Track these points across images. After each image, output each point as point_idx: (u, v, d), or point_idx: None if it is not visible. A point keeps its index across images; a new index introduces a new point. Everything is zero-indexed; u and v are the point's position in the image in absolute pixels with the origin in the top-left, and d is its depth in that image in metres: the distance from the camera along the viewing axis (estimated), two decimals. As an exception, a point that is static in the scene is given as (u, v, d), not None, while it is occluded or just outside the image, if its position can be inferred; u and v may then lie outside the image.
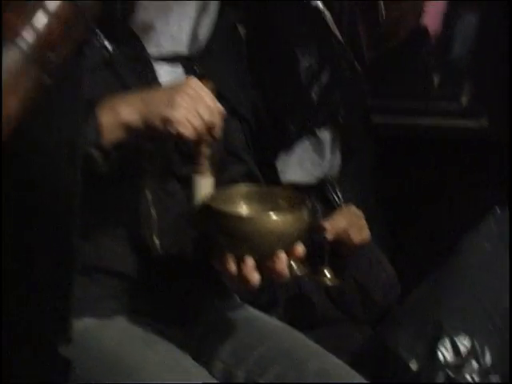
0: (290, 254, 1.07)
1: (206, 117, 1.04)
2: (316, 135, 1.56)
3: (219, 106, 1.10)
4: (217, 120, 1.08)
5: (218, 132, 1.09)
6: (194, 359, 1.12)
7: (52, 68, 0.70)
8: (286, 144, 1.54)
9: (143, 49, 1.24)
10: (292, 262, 1.14)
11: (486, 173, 1.71)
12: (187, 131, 1.03)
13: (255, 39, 1.48)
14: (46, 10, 0.68)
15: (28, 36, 0.67)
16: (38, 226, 0.99)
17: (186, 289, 1.23)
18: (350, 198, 1.59)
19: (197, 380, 1.06)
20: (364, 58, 1.74)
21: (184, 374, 1.07)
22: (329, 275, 1.50)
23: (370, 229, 1.52)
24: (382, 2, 2.51)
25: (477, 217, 1.31)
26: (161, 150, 1.20)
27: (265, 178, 1.31)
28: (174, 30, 1.26)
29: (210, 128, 1.08)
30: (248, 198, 1.18)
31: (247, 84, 1.36)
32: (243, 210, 1.18)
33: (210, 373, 1.13)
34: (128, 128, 1.04)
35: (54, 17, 0.68)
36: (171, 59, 1.27)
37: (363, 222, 1.51)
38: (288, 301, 1.51)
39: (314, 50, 1.54)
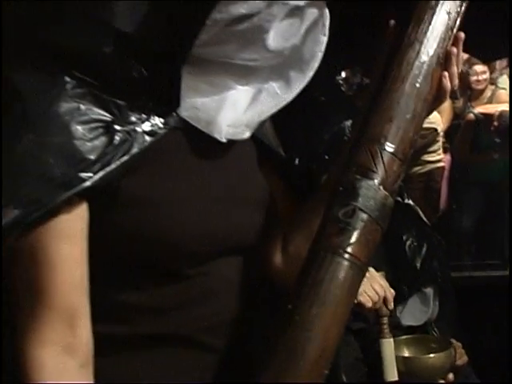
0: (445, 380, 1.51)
1: (379, 291, 1.44)
2: (422, 291, 2.06)
3: (388, 286, 1.52)
4: (389, 295, 1.49)
5: (391, 305, 1.52)
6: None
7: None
8: (401, 300, 2.01)
9: None
10: None
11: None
12: (366, 302, 1.41)
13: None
14: (362, 231, 0.77)
15: (351, 250, 0.76)
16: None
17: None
18: (447, 332, 2.07)
19: None
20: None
21: None
22: None
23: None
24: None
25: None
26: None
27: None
28: None
29: (385, 302, 1.50)
30: (407, 344, 1.67)
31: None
32: (406, 353, 1.64)
33: None
34: None
35: (367, 235, 0.78)
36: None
37: None
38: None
39: (414, 233, 2.11)
